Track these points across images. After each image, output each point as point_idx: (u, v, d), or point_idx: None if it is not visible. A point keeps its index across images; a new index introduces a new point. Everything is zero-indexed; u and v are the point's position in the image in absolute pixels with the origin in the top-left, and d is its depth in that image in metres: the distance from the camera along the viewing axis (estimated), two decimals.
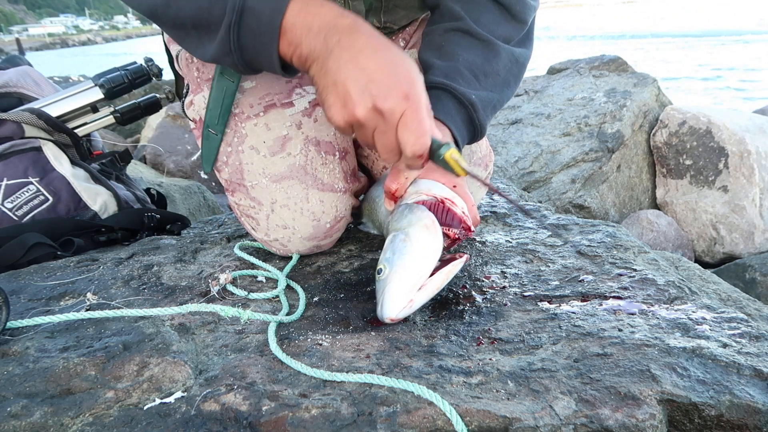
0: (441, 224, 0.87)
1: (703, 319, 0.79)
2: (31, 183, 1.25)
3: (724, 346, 0.72)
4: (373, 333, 0.79)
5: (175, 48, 1.17)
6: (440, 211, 0.89)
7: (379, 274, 0.83)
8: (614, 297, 0.86)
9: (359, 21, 0.76)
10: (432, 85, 0.94)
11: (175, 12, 0.79)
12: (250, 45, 0.77)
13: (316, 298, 0.91)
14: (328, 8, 0.75)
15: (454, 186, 0.92)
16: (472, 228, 0.90)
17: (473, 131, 0.98)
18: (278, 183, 1.03)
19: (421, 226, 0.85)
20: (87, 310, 0.86)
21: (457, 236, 0.89)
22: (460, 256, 0.87)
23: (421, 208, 0.88)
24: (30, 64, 1.57)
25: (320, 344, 0.77)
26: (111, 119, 1.43)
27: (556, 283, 0.92)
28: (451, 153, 0.78)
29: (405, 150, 0.76)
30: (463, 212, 0.90)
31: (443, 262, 0.85)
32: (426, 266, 0.82)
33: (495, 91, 0.98)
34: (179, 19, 0.80)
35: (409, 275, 0.81)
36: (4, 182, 1.23)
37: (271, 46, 0.76)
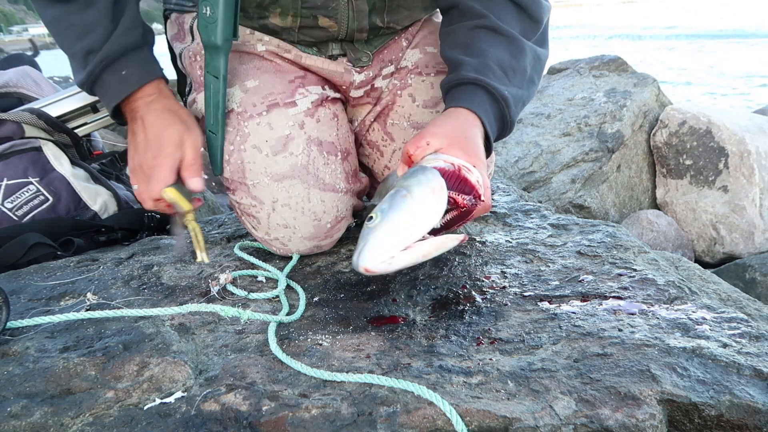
0: (453, 190, 0.84)
1: (703, 319, 0.79)
2: (31, 183, 1.25)
3: (724, 346, 0.72)
4: (373, 333, 0.79)
5: (178, 46, 1.17)
6: (454, 179, 0.85)
7: (368, 221, 0.80)
8: (614, 297, 0.86)
9: (156, 100, 0.99)
10: (465, 81, 0.94)
11: (58, 41, 1.00)
12: (99, 97, 1.03)
13: (316, 298, 0.91)
14: (146, 95, 0.99)
15: (474, 165, 0.89)
16: (483, 198, 0.87)
17: (503, 127, 0.98)
18: (280, 182, 1.03)
19: (429, 187, 0.82)
20: (87, 310, 0.86)
21: (466, 204, 0.85)
22: (459, 234, 0.85)
23: (434, 172, 0.84)
24: (35, 63, 1.56)
25: (320, 344, 0.77)
26: (111, 119, 1.42)
27: (556, 283, 0.92)
28: (168, 191, 0.95)
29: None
30: (477, 181, 0.86)
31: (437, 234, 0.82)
32: (419, 227, 0.79)
33: (523, 87, 0.99)
34: (59, 46, 1.01)
35: (399, 231, 0.78)
36: (4, 182, 1.23)
37: (110, 107, 1.01)
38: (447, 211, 0.85)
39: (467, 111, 0.93)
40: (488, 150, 0.97)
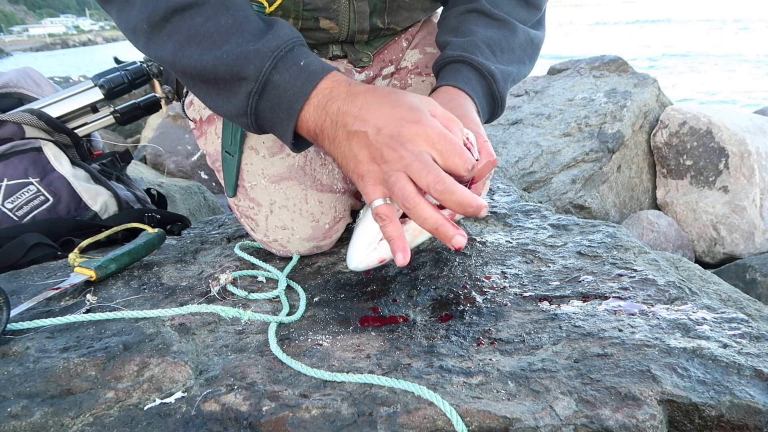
0: None
1: (704, 319, 0.79)
2: (32, 183, 1.25)
3: (725, 346, 0.72)
4: (373, 333, 0.79)
5: None
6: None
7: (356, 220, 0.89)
8: (615, 297, 0.86)
9: (360, 87, 0.74)
10: (450, 60, 0.94)
11: (193, 61, 0.76)
12: (267, 116, 0.77)
13: (316, 299, 0.91)
14: (342, 90, 0.73)
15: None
16: (476, 156, 0.79)
17: (493, 104, 0.97)
18: (277, 184, 1.03)
19: None
20: (87, 311, 0.86)
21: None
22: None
23: None
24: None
25: (320, 344, 0.77)
26: (111, 119, 1.43)
27: (557, 283, 0.92)
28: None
29: (459, 169, 0.69)
30: (467, 138, 0.78)
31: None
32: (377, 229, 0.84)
33: (512, 65, 0.98)
34: (197, 69, 0.77)
35: (367, 234, 0.85)
36: (5, 183, 1.23)
37: (287, 124, 0.76)
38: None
39: (455, 89, 0.92)
40: None
